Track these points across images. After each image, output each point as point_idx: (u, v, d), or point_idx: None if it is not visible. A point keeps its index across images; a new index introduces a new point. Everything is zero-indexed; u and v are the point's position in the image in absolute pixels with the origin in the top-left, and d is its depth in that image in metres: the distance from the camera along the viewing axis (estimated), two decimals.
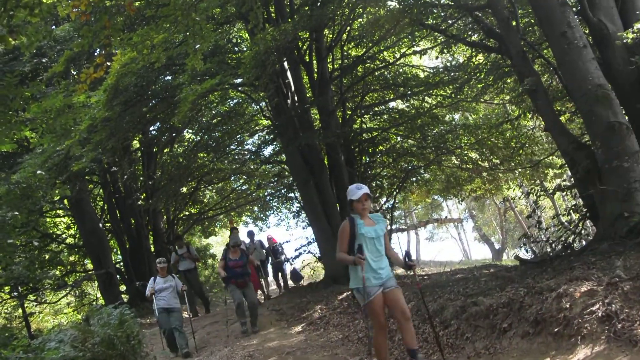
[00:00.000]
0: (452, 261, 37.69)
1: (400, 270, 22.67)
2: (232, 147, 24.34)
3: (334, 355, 9.95)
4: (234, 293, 13.47)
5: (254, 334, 13.08)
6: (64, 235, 26.19)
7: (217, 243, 41.81)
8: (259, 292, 18.32)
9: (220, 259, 14.13)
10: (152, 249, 23.51)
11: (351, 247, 7.22)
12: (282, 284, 20.27)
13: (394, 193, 20.93)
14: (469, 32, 15.58)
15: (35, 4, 7.76)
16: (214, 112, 22.65)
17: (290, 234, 68.10)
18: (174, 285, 13.26)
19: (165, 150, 24.82)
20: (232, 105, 22.84)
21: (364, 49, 19.12)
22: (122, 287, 23.38)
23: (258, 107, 21.13)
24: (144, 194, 23.40)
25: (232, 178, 27.14)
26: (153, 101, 17.85)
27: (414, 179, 22.47)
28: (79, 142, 14.25)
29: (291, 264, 20.73)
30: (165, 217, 25.51)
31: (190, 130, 24.68)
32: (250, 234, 19.90)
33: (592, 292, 6.49)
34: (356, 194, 7.43)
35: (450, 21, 15.31)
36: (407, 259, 7.42)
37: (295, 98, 18.03)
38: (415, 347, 7.20)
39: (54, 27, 18.42)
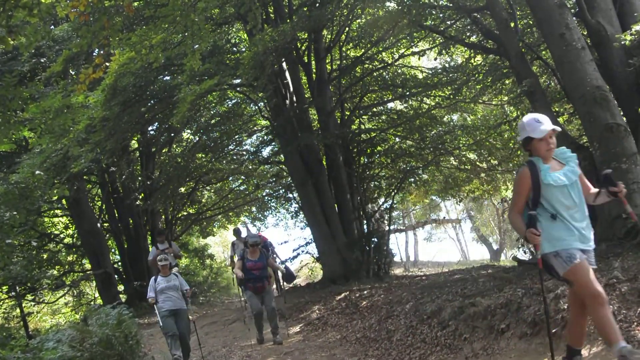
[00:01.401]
0: (450, 262, 37.70)
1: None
2: (230, 147, 24.38)
3: (332, 355, 9.97)
4: (252, 300, 12.08)
5: (278, 345, 11.65)
6: (62, 235, 26.16)
7: (215, 243, 41.81)
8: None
9: (238, 259, 12.64)
10: (150, 249, 23.50)
11: (535, 203, 5.36)
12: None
13: (392, 193, 20.94)
14: (468, 34, 15.61)
15: (34, 4, 7.76)
16: (212, 112, 22.65)
17: (288, 234, 67.68)
18: (177, 284, 11.59)
19: (163, 151, 24.82)
20: (230, 105, 22.88)
21: (363, 50, 19.13)
22: (120, 287, 23.37)
23: (257, 107, 21.15)
24: (142, 194, 23.42)
25: (231, 178, 27.16)
26: (151, 101, 17.83)
27: (412, 179, 22.45)
28: (77, 142, 14.25)
29: (282, 263, 20.44)
30: (163, 217, 25.49)
31: (188, 131, 24.65)
32: (237, 232, 18.15)
33: None
34: (538, 130, 5.35)
35: (448, 22, 15.33)
36: (607, 183, 5.69)
37: (294, 98, 18.07)
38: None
39: (52, 27, 18.40)
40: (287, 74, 18.21)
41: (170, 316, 11.17)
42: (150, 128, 22.82)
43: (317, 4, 15.63)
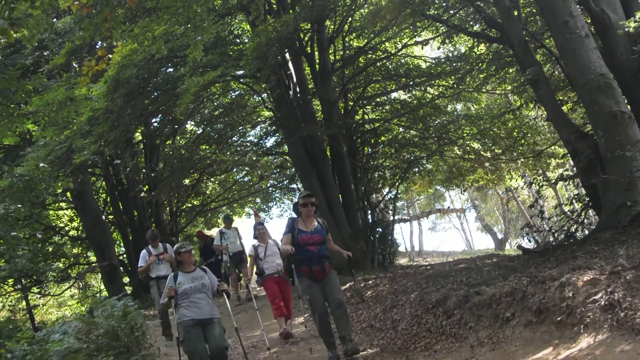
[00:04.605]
0: (454, 251, 37.78)
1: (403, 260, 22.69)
2: (234, 138, 24.39)
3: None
4: (312, 293, 8.44)
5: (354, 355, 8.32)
6: (67, 228, 26.22)
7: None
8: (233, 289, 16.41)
9: (286, 232, 8.78)
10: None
11: None
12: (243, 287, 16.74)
13: (397, 184, 20.92)
14: (471, 22, 15.58)
15: None
16: (215, 104, 22.67)
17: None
18: (207, 283, 8.54)
19: (167, 142, 24.84)
20: (234, 97, 22.87)
21: (366, 40, 19.11)
22: (126, 279, 23.41)
23: (260, 98, 21.16)
24: (147, 186, 23.42)
25: (235, 169, 27.18)
26: (155, 93, 17.84)
27: (417, 169, 22.48)
28: (81, 134, 14.27)
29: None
30: (168, 209, 25.55)
31: (192, 122, 24.69)
32: (228, 219, 17.45)
33: (595, 281, 6.50)
34: None
35: (451, 11, 15.31)
36: None
37: (297, 89, 18.05)
38: None
39: (55, 20, 18.40)
40: (290, 64, 18.18)
41: (195, 327, 8.16)
42: (153, 120, 22.87)
43: None
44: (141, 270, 12.62)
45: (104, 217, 22.88)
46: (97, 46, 16.56)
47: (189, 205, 28.11)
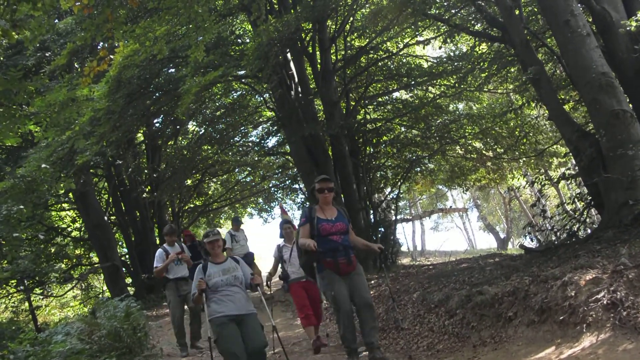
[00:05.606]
0: (457, 251, 37.74)
1: (406, 260, 22.67)
2: (236, 139, 24.40)
3: (339, 345, 9.96)
4: (336, 288, 7.23)
5: None
6: (69, 229, 26.26)
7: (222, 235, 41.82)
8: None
9: (302, 223, 7.65)
10: (158, 242, 23.54)
11: None
12: None
13: (399, 183, 20.94)
14: (472, 22, 15.55)
15: None
16: (217, 104, 22.69)
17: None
18: (239, 275, 7.53)
19: (169, 143, 24.88)
20: (235, 97, 22.90)
21: (367, 40, 19.10)
22: (128, 280, 23.43)
23: (262, 98, 21.18)
24: (149, 187, 23.46)
25: (237, 170, 27.20)
26: (157, 94, 17.86)
27: (418, 169, 22.49)
28: (82, 135, 14.27)
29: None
30: (170, 209, 25.55)
31: (194, 123, 24.73)
32: (237, 221, 16.89)
33: (597, 280, 6.49)
34: None
35: (453, 10, 15.29)
36: None
37: (299, 89, 18.02)
38: None
39: (56, 20, 18.42)
40: (291, 64, 18.17)
41: (230, 324, 7.12)
42: (155, 121, 22.92)
43: None
44: (157, 270, 11.29)
45: (106, 217, 22.91)
46: (99, 47, 16.57)
47: (191, 205, 28.16)
